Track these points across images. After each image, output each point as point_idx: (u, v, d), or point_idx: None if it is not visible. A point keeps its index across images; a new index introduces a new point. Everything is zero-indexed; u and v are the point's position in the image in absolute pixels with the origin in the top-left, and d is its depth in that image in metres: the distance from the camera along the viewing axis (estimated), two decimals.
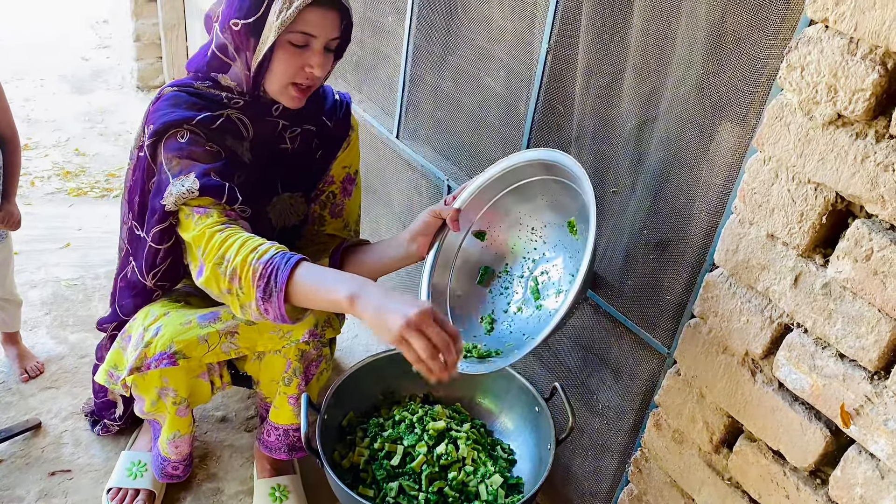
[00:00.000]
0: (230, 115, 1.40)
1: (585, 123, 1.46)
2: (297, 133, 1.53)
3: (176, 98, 1.40)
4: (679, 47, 1.24)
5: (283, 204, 1.58)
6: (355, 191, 1.70)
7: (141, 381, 1.48)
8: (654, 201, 1.36)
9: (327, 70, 1.40)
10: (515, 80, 1.61)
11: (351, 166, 1.67)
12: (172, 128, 1.35)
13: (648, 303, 1.42)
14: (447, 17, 1.78)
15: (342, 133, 1.61)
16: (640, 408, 1.49)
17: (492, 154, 1.74)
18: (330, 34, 1.34)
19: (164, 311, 1.49)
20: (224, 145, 1.41)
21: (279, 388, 1.56)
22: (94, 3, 5.51)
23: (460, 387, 1.53)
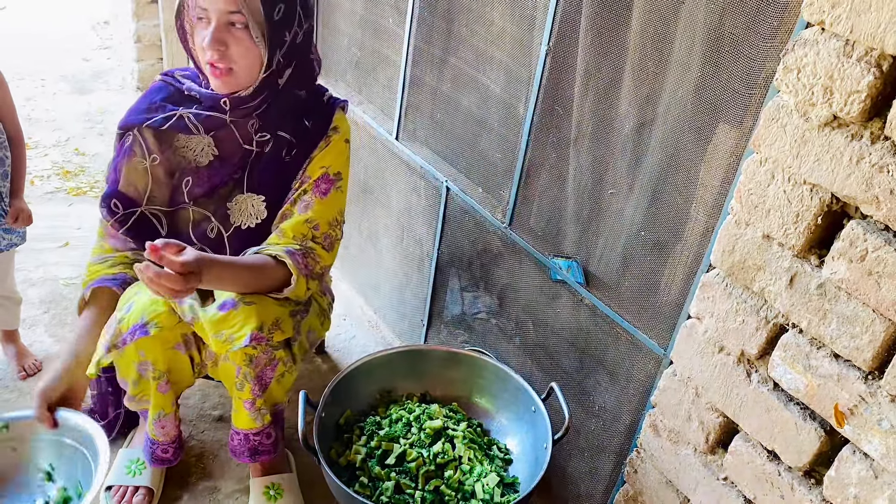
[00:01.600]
0: (183, 114, 1.50)
1: (584, 125, 1.47)
2: (267, 138, 1.54)
3: (151, 91, 1.59)
4: (677, 50, 1.25)
5: (242, 204, 1.58)
6: (333, 195, 1.57)
7: (120, 361, 1.49)
8: (652, 202, 1.36)
9: (242, 52, 1.39)
10: (514, 81, 1.62)
11: (330, 167, 1.57)
12: (126, 130, 1.55)
13: (645, 303, 1.42)
14: (447, 19, 1.79)
15: (319, 132, 1.57)
16: (636, 408, 1.49)
17: (491, 155, 1.75)
18: (222, 7, 1.34)
19: (135, 291, 1.52)
20: (172, 146, 1.57)
21: (233, 392, 1.56)
22: (96, 4, 5.53)
23: (457, 387, 1.54)
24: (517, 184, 1.66)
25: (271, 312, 1.45)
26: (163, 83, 1.60)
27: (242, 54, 1.40)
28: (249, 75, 1.45)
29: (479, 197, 1.81)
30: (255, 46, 1.40)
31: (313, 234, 1.53)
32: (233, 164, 1.56)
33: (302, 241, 1.50)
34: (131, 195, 1.58)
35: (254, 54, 1.41)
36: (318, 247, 1.53)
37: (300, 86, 1.56)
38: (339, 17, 2.26)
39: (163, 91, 1.58)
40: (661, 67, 1.28)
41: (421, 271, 2.14)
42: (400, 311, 2.32)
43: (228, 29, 1.37)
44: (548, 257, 1.62)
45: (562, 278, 1.59)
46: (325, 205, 1.55)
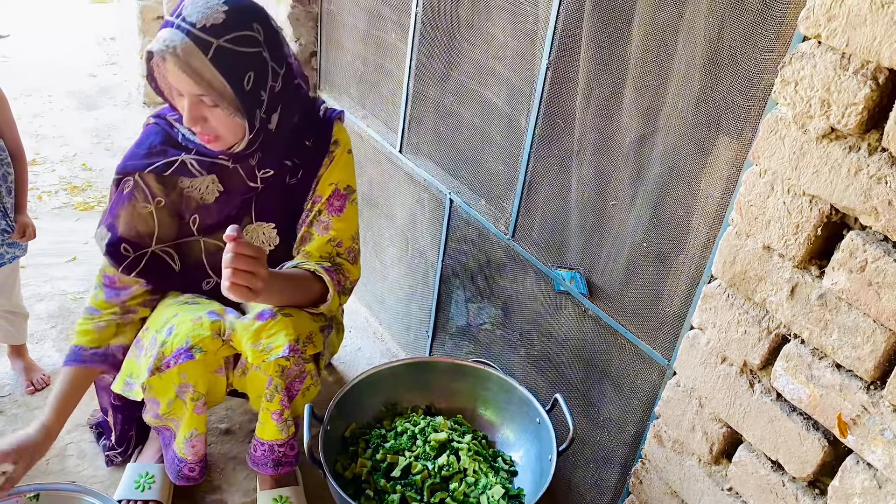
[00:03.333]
0: (185, 160, 1.50)
1: (585, 137, 1.48)
2: (271, 174, 1.53)
3: (148, 134, 1.56)
4: (677, 63, 1.26)
5: (253, 233, 1.60)
6: (349, 209, 1.60)
7: (158, 383, 1.50)
8: (654, 214, 1.37)
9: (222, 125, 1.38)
10: (516, 95, 1.63)
11: (339, 182, 1.58)
12: (124, 176, 1.54)
13: (649, 314, 1.43)
14: (448, 34, 1.81)
15: (321, 150, 1.57)
16: (640, 419, 1.49)
17: (493, 168, 1.76)
18: (190, 89, 1.32)
19: (174, 312, 1.54)
20: (176, 189, 1.56)
21: (262, 403, 1.58)
22: (102, 20, 5.59)
23: (462, 399, 1.54)
24: (520, 195, 1.67)
25: (306, 326, 1.48)
26: (157, 126, 1.58)
27: (223, 125, 1.39)
28: (236, 137, 1.44)
29: (482, 209, 1.83)
30: (230, 120, 1.39)
31: (337, 251, 1.56)
32: (239, 197, 1.58)
33: (329, 259, 1.52)
34: (137, 238, 1.59)
35: (234, 124, 1.40)
36: (345, 262, 1.56)
37: (292, 115, 1.53)
38: (342, 33, 2.29)
39: (160, 134, 1.55)
40: (662, 80, 1.30)
41: (426, 283, 2.15)
42: (405, 323, 2.33)
43: (203, 103, 1.36)
44: (551, 268, 1.63)
45: (565, 289, 1.60)
46: (344, 221, 1.57)
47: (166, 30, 1.32)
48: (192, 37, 1.30)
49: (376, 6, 2.06)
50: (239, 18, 1.35)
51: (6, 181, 1.88)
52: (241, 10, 1.36)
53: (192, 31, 1.30)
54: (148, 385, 1.52)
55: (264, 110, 1.42)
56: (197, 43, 1.29)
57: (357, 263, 1.60)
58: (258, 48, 1.38)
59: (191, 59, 1.29)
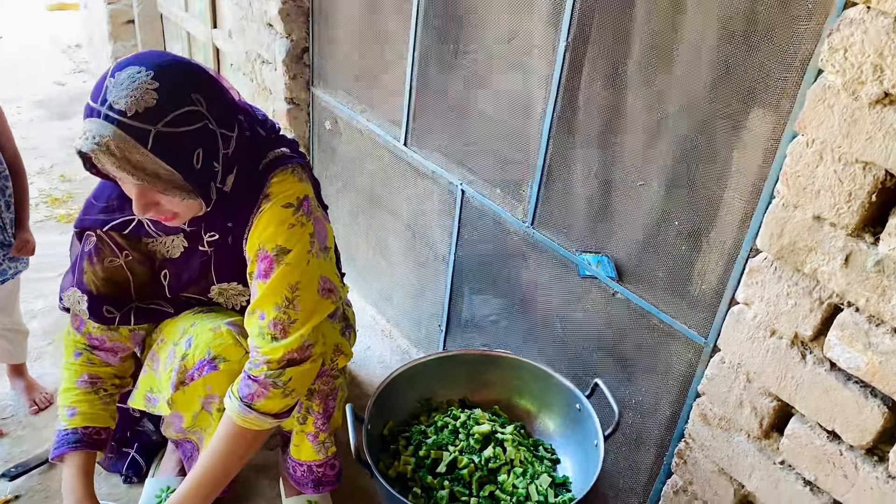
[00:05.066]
0: (142, 219, 1.38)
1: (609, 118, 1.46)
2: (215, 238, 1.42)
3: (104, 185, 1.42)
4: (708, 34, 1.25)
5: (223, 291, 1.53)
6: (280, 272, 1.30)
7: (182, 397, 1.45)
8: (685, 191, 1.36)
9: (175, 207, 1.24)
10: (531, 78, 1.61)
11: (264, 242, 1.32)
12: (85, 231, 1.43)
13: (682, 293, 1.42)
14: (454, 19, 1.78)
15: (248, 207, 1.35)
16: (676, 399, 1.49)
17: (508, 155, 1.74)
18: (130, 181, 1.18)
19: (190, 322, 1.48)
20: (139, 246, 1.48)
21: (295, 425, 1.53)
22: (64, 28, 5.43)
23: (496, 390, 1.52)
24: (539, 182, 1.65)
25: (330, 339, 1.43)
26: None
27: (177, 207, 1.25)
28: (194, 212, 1.30)
29: (498, 198, 1.80)
30: (182, 201, 1.24)
31: (259, 326, 1.33)
32: (197, 260, 1.48)
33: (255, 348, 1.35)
34: (116, 294, 1.50)
35: (189, 203, 1.25)
36: (264, 345, 1.32)
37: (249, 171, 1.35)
38: (336, 26, 2.24)
39: (116, 188, 1.34)
40: (691, 53, 1.28)
41: (436, 277, 2.12)
42: (415, 319, 2.30)
43: (153, 192, 1.21)
44: (575, 254, 1.61)
45: (591, 274, 1.59)
46: (269, 287, 1.31)
47: (92, 121, 1.13)
48: (125, 128, 1.11)
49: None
50: (173, 94, 1.14)
51: (4, 195, 1.80)
52: (173, 84, 1.14)
53: (123, 122, 1.10)
54: (172, 400, 1.47)
55: (220, 180, 1.26)
56: (131, 134, 1.11)
57: (290, 335, 1.31)
58: (202, 121, 1.18)
59: (128, 154, 1.12)
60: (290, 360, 1.33)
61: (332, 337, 1.50)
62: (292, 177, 1.38)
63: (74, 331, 1.55)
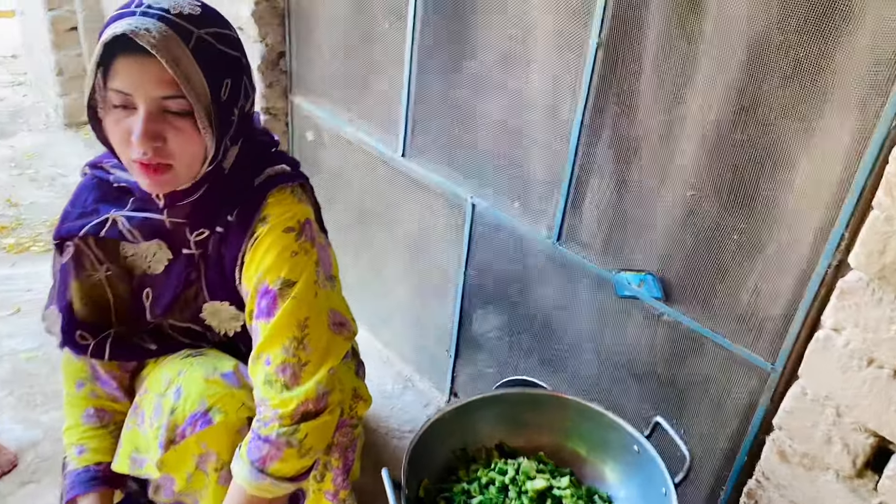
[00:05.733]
0: (116, 218, 1.19)
1: (651, 122, 1.31)
2: (205, 236, 1.21)
3: (81, 190, 1.27)
4: (772, 27, 1.11)
5: (216, 311, 1.31)
6: (285, 309, 1.14)
7: (173, 457, 1.23)
8: (746, 202, 1.22)
9: (182, 143, 1.06)
10: (555, 81, 1.45)
11: (265, 274, 1.15)
12: (62, 241, 1.25)
13: (744, 315, 1.28)
14: (460, 18, 1.60)
15: (242, 227, 1.18)
16: (737, 430, 1.35)
17: (528, 166, 1.57)
18: (153, 91, 1.02)
19: (176, 370, 1.28)
20: (119, 260, 1.30)
21: (311, 483, 1.33)
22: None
23: (538, 433, 1.36)
24: (566, 194, 1.49)
25: (347, 383, 1.24)
26: (92, 178, 1.26)
27: (184, 147, 1.07)
28: (190, 170, 1.11)
29: (516, 212, 1.64)
30: (200, 136, 1.07)
31: (265, 373, 1.15)
32: (183, 269, 1.27)
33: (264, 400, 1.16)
34: (94, 318, 1.30)
35: (197, 145, 1.08)
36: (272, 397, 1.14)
37: (247, 159, 1.21)
38: (317, 27, 2.04)
39: (94, 190, 1.24)
40: (753, 49, 1.14)
41: (443, 298, 1.95)
42: (417, 344, 2.12)
43: (164, 117, 1.05)
44: (611, 272, 1.46)
45: (631, 294, 1.44)
46: (275, 327, 1.14)
47: (128, 18, 1.01)
48: (168, 21, 1.02)
49: None
50: (216, 15, 1.12)
51: None
52: (216, 10, 1.13)
53: (166, 17, 1.02)
54: (162, 462, 1.26)
55: (230, 136, 1.13)
56: (174, 28, 1.02)
57: (301, 383, 1.14)
58: (239, 52, 1.13)
59: (169, 43, 1.00)
60: (306, 412, 1.14)
61: (349, 380, 1.31)
62: (291, 197, 1.21)
63: (73, 356, 1.35)
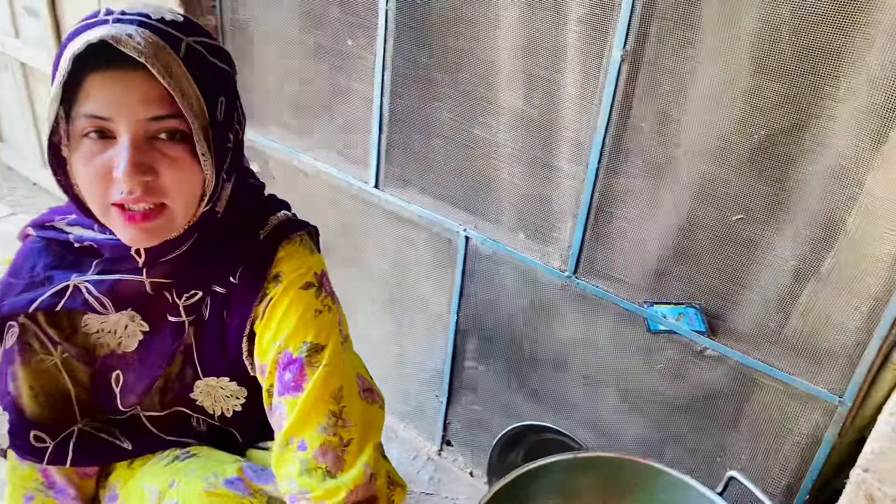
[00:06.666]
0: (78, 284, 0.94)
1: (688, 140, 1.17)
2: (197, 298, 0.98)
3: (26, 256, 0.99)
4: (831, 32, 0.99)
5: (211, 390, 1.07)
6: (317, 378, 0.93)
7: None
8: (805, 225, 1.10)
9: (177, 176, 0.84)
10: (568, 99, 1.29)
11: (287, 340, 0.95)
12: (4, 321, 0.97)
13: (803, 346, 1.17)
14: (442, 31, 1.41)
15: (250, 291, 0.97)
16: (796, 468, 1.24)
17: (533, 192, 1.40)
18: (139, 112, 0.81)
19: (167, 480, 1.02)
20: (79, 333, 1.01)
21: None
22: None
23: (589, 498, 1.20)
24: (584, 223, 1.34)
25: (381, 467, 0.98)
26: (39, 241, 1.00)
27: (180, 180, 0.85)
28: (186, 212, 0.89)
29: (520, 244, 1.47)
30: (197, 166, 0.86)
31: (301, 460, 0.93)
32: (170, 342, 1.01)
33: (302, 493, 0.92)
34: (50, 413, 1.01)
35: (195, 178, 0.87)
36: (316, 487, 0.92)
37: (239, 204, 0.98)
38: (262, 47, 1.79)
39: (43, 255, 0.98)
40: (808, 57, 1.02)
41: (431, 340, 1.75)
42: (399, 389, 1.92)
43: (152, 145, 0.83)
44: (643, 306, 1.32)
45: (668, 329, 1.30)
46: (308, 402, 0.93)
47: (100, 27, 0.80)
48: (151, 27, 0.81)
49: (318, 7, 1.60)
50: (199, 25, 0.89)
51: None
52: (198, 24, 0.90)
53: (147, 22, 0.82)
54: None
55: (226, 169, 0.90)
56: (159, 35, 0.82)
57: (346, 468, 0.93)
58: (230, 67, 0.91)
59: (158, 51, 0.80)
60: (356, 503, 0.92)
61: (382, 463, 1.08)
62: (302, 248, 0.99)
63: (19, 463, 1.05)
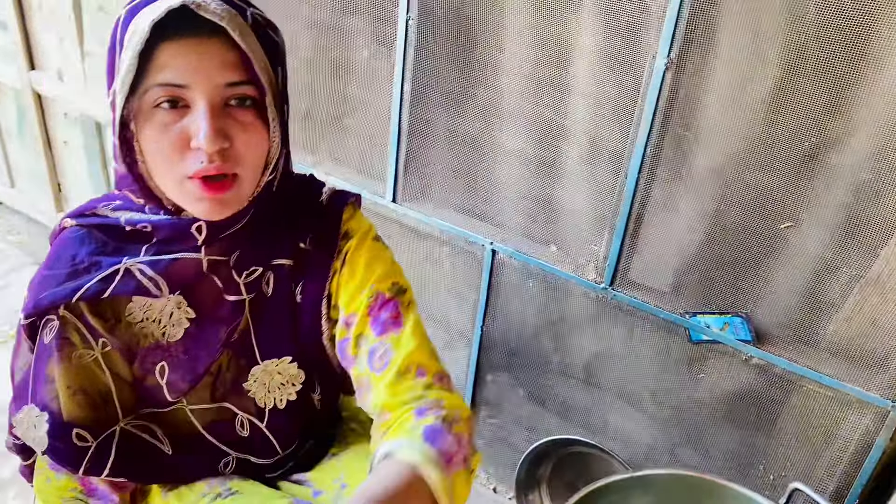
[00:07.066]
0: (130, 266, 0.89)
1: (733, 149, 1.16)
2: (255, 275, 0.95)
3: (65, 246, 0.92)
4: (884, 37, 0.98)
5: (267, 375, 1.01)
6: (410, 318, 0.95)
7: None
8: (854, 231, 1.10)
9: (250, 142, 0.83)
10: (605, 108, 1.26)
11: (376, 283, 0.96)
12: (40, 315, 0.91)
13: (854, 352, 1.17)
14: (468, 42, 1.38)
15: (325, 254, 0.97)
16: (845, 472, 1.24)
17: (566, 204, 1.38)
18: (217, 78, 0.80)
19: None
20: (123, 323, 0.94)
21: None
22: None
23: None
24: (622, 234, 1.31)
25: None
26: (80, 230, 0.94)
27: (251, 147, 0.84)
28: (253, 182, 0.88)
29: (552, 256, 1.44)
30: (266, 133, 0.85)
31: (424, 384, 0.90)
32: (223, 328, 0.96)
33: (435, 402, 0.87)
34: (91, 414, 0.93)
35: (263, 145, 0.86)
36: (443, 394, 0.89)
37: (287, 179, 0.97)
38: None
39: (85, 241, 0.93)
40: (858, 64, 1.01)
41: (454, 356, 1.71)
42: None
43: (226, 111, 0.82)
44: (685, 316, 1.30)
45: (711, 338, 1.28)
46: (411, 336, 0.93)
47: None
48: None
49: (332, 19, 1.55)
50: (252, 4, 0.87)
51: None
52: None
53: None
54: None
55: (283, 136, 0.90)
56: (230, 3, 0.81)
57: (455, 391, 0.93)
58: (280, 40, 0.88)
59: (233, 16, 0.79)
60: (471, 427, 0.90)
61: None
62: (359, 212, 1.02)
63: (55, 473, 0.97)
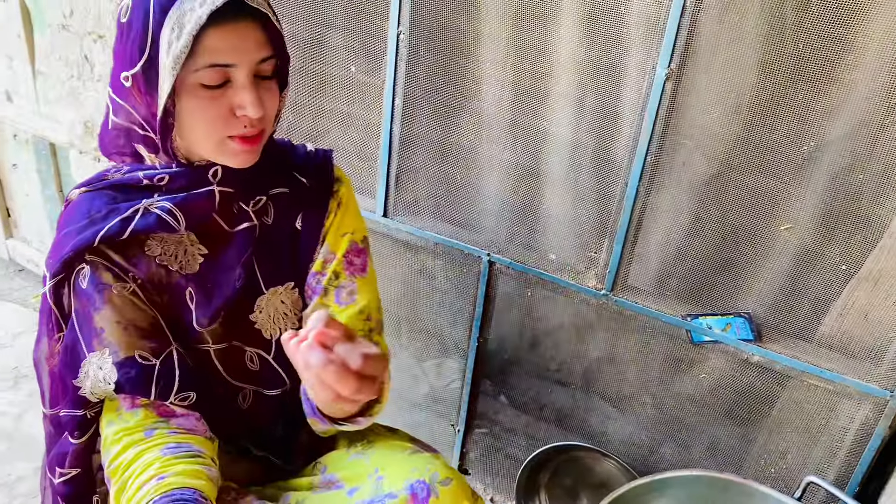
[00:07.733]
0: (148, 207, 0.97)
1: (732, 155, 1.19)
2: (261, 203, 1.06)
3: (79, 206, 1.00)
4: (882, 42, 1.03)
5: (270, 303, 1.10)
6: (371, 268, 1.16)
7: None
8: (859, 230, 1.15)
9: (273, 105, 0.97)
10: (603, 118, 1.28)
11: (354, 232, 1.15)
12: (73, 264, 0.97)
13: (856, 346, 1.22)
14: (458, 53, 1.38)
15: (323, 190, 1.13)
16: (844, 463, 1.28)
17: (565, 214, 1.39)
18: (255, 55, 0.92)
19: None
20: (143, 260, 1.01)
21: None
22: None
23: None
24: (622, 241, 1.33)
25: None
26: (90, 192, 1.01)
27: (273, 108, 1.00)
28: (269, 133, 1.04)
29: (551, 265, 1.45)
30: (280, 96, 1.00)
31: (369, 327, 1.10)
32: (238, 253, 1.05)
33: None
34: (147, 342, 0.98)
35: (277, 105, 1.01)
36: (381, 340, 1.14)
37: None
38: None
39: (97, 198, 1.00)
40: (857, 68, 1.06)
41: (444, 367, 1.71)
42: (411, 419, 1.86)
43: (258, 83, 0.95)
44: (685, 319, 1.33)
45: (713, 339, 1.32)
46: (369, 283, 1.13)
47: None
48: None
49: (316, 32, 1.53)
50: None
51: None
52: None
53: None
54: None
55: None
56: None
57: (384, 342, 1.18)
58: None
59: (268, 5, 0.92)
60: None
61: None
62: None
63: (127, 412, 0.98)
